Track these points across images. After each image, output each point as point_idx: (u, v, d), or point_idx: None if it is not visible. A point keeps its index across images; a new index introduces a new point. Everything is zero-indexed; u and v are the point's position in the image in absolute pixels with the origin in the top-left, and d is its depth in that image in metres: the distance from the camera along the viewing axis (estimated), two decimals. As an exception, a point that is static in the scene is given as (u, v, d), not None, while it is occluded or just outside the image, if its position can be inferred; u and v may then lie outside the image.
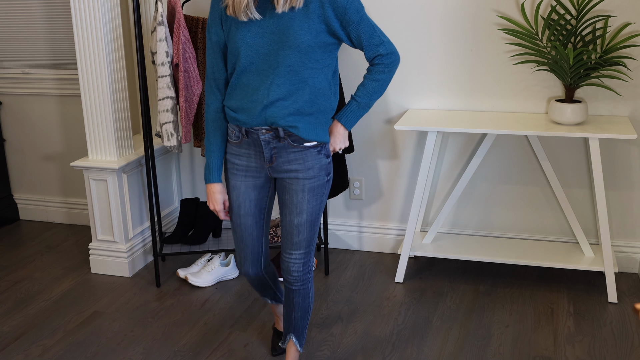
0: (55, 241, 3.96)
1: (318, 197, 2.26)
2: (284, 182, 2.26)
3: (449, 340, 2.83)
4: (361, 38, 2.14)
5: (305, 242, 2.31)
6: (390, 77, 2.22)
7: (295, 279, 2.35)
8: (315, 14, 2.07)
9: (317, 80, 2.15)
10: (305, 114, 2.16)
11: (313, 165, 2.23)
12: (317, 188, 2.25)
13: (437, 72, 3.32)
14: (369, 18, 2.15)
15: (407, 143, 3.48)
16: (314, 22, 2.08)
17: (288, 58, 2.09)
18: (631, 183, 3.24)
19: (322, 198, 2.28)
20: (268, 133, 2.18)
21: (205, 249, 3.38)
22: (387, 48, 2.18)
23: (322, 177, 2.25)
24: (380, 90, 2.22)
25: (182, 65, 3.07)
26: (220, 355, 2.77)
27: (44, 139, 4.12)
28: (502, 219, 3.47)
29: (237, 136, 2.24)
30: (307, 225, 2.28)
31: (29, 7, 3.87)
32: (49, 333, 2.96)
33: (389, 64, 2.19)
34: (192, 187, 3.92)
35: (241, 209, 2.31)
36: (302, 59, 2.10)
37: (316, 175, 2.24)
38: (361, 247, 3.72)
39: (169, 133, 3.14)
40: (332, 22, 2.10)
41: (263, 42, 2.10)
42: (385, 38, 2.18)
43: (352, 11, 2.09)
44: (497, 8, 3.16)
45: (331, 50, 2.16)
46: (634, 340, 2.79)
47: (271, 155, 2.22)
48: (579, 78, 2.96)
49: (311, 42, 2.09)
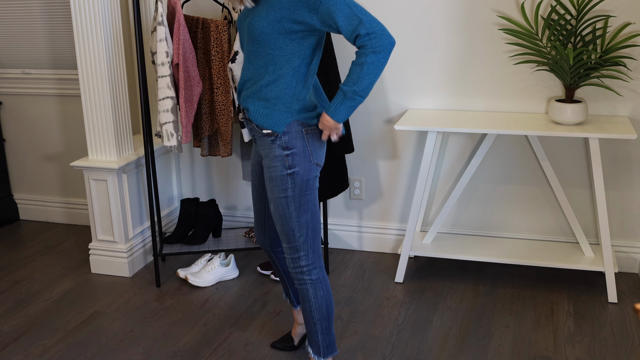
0: (55, 241, 3.96)
1: (281, 190, 2.19)
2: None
3: (449, 340, 2.83)
4: (335, 18, 1.98)
5: (285, 237, 2.26)
6: (377, 60, 1.99)
7: (292, 274, 2.34)
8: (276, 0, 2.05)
9: (279, 67, 2.11)
10: (260, 99, 2.16)
11: (268, 154, 2.20)
12: (276, 179, 2.19)
13: (437, 72, 3.32)
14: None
15: (407, 143, 3.48)
16: (274, 9, 2.05)
17: (250, 44, 2.14)
18: (631, 183, 3.24)
19: (288, 193, 2.19)
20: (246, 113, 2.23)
21: (205, 249, 3.38)
22: (368, 27, 1.97)
23: (278, 169, 2.18)
24: (367, 74, 2.00)
25: (182, 65, 3.07)
26: (220, 355, 2.77)
27: (44, 139, 4.12)
28: (502, 219, 3.47)
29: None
30: (277, 217, 2.24)
31: (29, 7, 3.87)
32: (49, 333, 2.96)
33: (373, 45, 1.98)
34: (192, 187, 3.93)
35: (251, 179, 2.42)
36: (261, 46, 2.10)
37: (272, 165, 2.19)
38: (361, 247, 3.72)
39: (169, 133, 3.14)
40: (296, 7, 2.02)
41: (242, 28, 2.18)
42: (365, 16, 1.98)
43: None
44: (497, 8, 3.16)
45: (299, 38, 2.09)
46: (634, 340, 2.79)
47: (253, 136, 2.27)
48: (579, 78, 2.96)
49: (267, 29, 2.07)
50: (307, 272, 2.29)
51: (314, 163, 2.21)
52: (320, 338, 2.35)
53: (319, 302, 2.32)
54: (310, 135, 2.21)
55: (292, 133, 2.17)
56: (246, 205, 3.87)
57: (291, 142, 2.17)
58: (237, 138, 3.62)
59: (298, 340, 2.75)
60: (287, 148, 2.17)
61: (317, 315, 2.33)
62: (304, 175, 2.19)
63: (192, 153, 3.86)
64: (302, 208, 2.22)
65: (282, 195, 2.20)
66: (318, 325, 2.34)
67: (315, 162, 2.22)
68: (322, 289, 2.31)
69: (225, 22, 3.16)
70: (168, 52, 3.04)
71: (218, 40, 3.16)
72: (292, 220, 2.22)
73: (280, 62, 2.11)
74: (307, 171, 2.19)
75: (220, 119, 3.26)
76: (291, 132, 2.17)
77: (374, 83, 2.03)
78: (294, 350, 2.76)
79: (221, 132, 3.29)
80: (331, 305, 2.35)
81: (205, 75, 3.26)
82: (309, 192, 2.22)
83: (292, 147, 2.17)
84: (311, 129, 2.20)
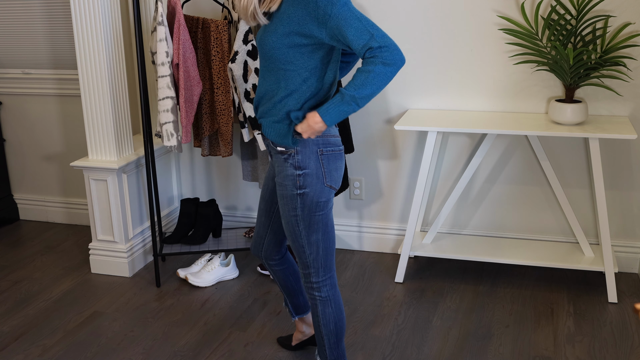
0: (55, 241, 3.96)
1: (291, 209, 2.17)
2: None
3: (449, 340, 2.82)
4: (344, 32, 1.95)
5: (296, 253, 2.26)
6: (385, 72, 1.96)
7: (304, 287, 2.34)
8: (285, 14, 2.03)
9: (291, 82, 2.09)
10: (274, 115, 2.13)
11: (281, 172, 2.18)
12: (287, 197, 2.17)
13: (437, 72, 3.32)
14: (354, 10, 1.97)
15: (407, 143, 3.48)
16: (283, 24, 2.04)
17: (263, 60, 2.13)
18: (631, 183, 3.24)
19: (297, 212, 2.16)
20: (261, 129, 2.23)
21: (205, 249, 3.38)
22: (380, 41, 1.94)
23: (289, 188, 2.15)
24: (371, 83, 1.96)
25: (182, 65, 3.07)
26: (220, 355, 2.77)
27: (44, 139, 4.12)
28: (502, 219, 3.47)
29: None
30: (288, 233, 2.24)
31: (29, 7, 3.87)
32: (49, 333, 2.96)
33: (385, 57, 1.94)
34: (192, 187, 3.93)
35: (262, 191, 2.41)
36: (272, 61, 2.09)
37: (283, 183, 2.17)
38: (361, 247, 3.72)
39: (169, 133, 3.14)
40: (305, 21, 2.00)
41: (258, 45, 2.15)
42: (376, 31, 1.95)
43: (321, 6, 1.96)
44: (497, 8, 3.16)
45: (309, 52, 2.06)
46: (634, 340, 2.79)
47: (269, 152, 2.26)
48: (579, 78, 2.96)
49: (276, 43, 2.05)
50: (317, 288, 2.28)
51: (326, 185, 2.16)
52: (327, 352, 2.35)
53: (326, 318, 2.30)
54: (326, 157, 2.15)
55: (305, 153, 2.13)
56: (246, 205, 3.87)
57: (304, 162, 2.13)
58: (237, 138, 3.62)
59: (296, 343, 2.75)
60: (300, 168, 2.14)
61: (325, 331, 2.32)
62: (314, 197, 2.15)
63: (192, 153, 3.86)
64: (311, 228, 2.19)
65: (292, 213, 2.18)
66: (325, 339, 2.33)
67: (328, 184, 2.17)
68: (330, 306, 2.30)
69: (225, 22, 3.16)
70: (168, 52, 3.04)
71: (218, 40, 3.16)
72: (302, 239, 2.21)
73: (292, 77, 2.08)
74: (318, 193, 2.15)
75: (220, 119, 3.26)
76: (305, 152, 2.13)
77: (374, 95, 1.99)
78: (290, 350, 2.76)
79: (221, 132, 3.29)
80: (340, 322, 2.32)
81: (205, 75, 3.26)
82: (319, 213, 2.17)
83: (305, 167, 2.13)
84: (327, 150, 2.16)
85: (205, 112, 3.30)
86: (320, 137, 2.14)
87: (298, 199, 2.15)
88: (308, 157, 2.14)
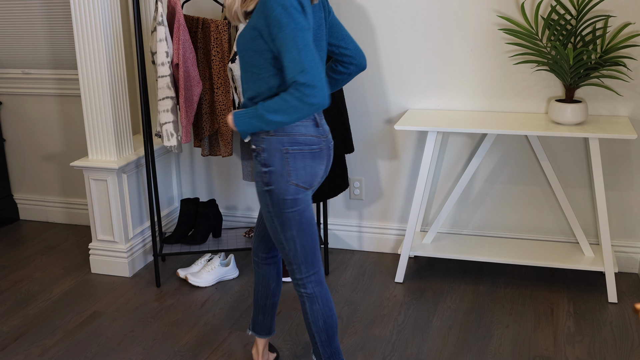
0: (55, 241, 3.96)
1: (264, 205, 2.21)
2: None
3: (449, 340, 2.82)
4: (282, 57, 1.96)
5: (279, 249, 2.29)
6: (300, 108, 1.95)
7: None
8: (253, 19, 2.04)
9: (257, 84, 2.11)
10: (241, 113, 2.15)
11: (254, 169, 2.22)
12: (259, 194, 2.21)
13: (437, 72, 3.32)
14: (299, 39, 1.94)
15: (407, 143, 3.48)
16: (249, 27, 2.06)
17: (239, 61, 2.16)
18: (631, 183, 3.24)
19: (269, 209, 2.19)
20: None
21: (205, 249, 3.38)
22: (308, 79, 1.91)
23: (259, 185, 2.19)
24: (283, 112, 1.98)
25: (182, 66, 3.07)
26: (220, 355, 2.76)
27: (44, 139, 4.12)
28: (502, 219, 3.47)
29: None
30: (269, 229, 2.26)
31: (29, 7, 3.87)
32: (49, 333, 2.96)
33: (305, 93, 1.92)
34: (192, 187, 3.93)
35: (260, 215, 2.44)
36: (243, 64, 2.12)
37: (256, 180, 2.21)
38: (361, 247, 3.72)
39: (169, 133, 3.14)
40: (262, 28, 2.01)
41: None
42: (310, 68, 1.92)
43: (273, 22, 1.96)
44: (497, 8, 3.16)
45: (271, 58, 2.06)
46: (634, 340, 2.79)
47: None
48: (579, 78, 2.96)
49: (243, 46, 2.08)
50: (302, 285, 2.28)
51: (292, 184, 2.16)
52: (321, 350, 2.35)
53: (315, 315, 2.30)
54: (292, 155, 2.15)
55: (270, 151, 2.15)
56: (246, 205, 3.87)
57: (269, 159, 2.15)
58: (237, 138, 3.62)
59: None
60: (265, 165, 2.16)
61: (315, 328, 2.32)
62: (280, 195, 2.16)
63: (192, 153, 3.86)
64: (285, 225, 2.20)
65: (266, 210, 2.21)
66: (316, 337, 2.33)
67: (294, 182, 2.16)
68: (317, 303, 2.29)
69: (225, 22, 3.16)
70: (168, 52, 3.04)
71: (218, 40, 3.16)
72: (279, 234, 2.22)
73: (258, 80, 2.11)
74: (283, 191, 2.15)
75: (220, 118, 3.26)
76: (269, 150, 2.15)
77: (284, 124, 2.02)
78: None
79: (221, 132, 3.29)
80: (330, 319, 2.32)
81: (205, 75, 3.26)
82: (289, 210, 2.18)
83: (270, 164, 2.15)
84: (294, 148, 2.16)
85: (205, 112, 3.30)
86: (285, 135, 2.14)
87: (267, 195, 2.18)
88: (272, 155, 2.15)
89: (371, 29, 3.33)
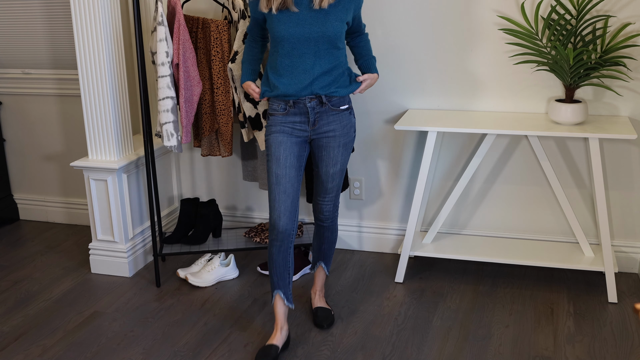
0: (55, 241, 3.96)
1: (349, 149, 2.75)
2: (322, 142, 2.69)
3: (449, 340, 2.83)
4: (360, 21, 2.74)
5: (336, 187, 2.80)
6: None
7: (326, 217, 2.85)
8: (345, 7, 2.57)
9: (342, 56, 2.64)
10: (340, 83, 2.65)
11: (346, 124, 2.70)
12: (349, 143, 2.74)
13: (437, 72, 3.32)
14: None
15: (407, 143, 3.48)
16: (343, 13, 2.57)
17: (326, 44, 2.56)
18: (631, 183, 3.24)
19: (350, 150, 2.77)
20: (313, 101, 2.62)
21: (205, 249, 3.38)
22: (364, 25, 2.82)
23: (352, 134, 2.74)
24: None
25: (182, 65, 3.07)
26: (220, 355, 2.77)
27: (44, 139, 4.12)
28: (502, 219, 3.47)
29: (283, 108, 2.65)
30: (339, 173, 2.76)
31: (29, 7, 3.87)
32: (49, 333, 2.96)
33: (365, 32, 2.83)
34: (192, 187, 3.93)
35: (287, 160, 2.64)
36: (335, 44, 2.57)
37: (348, 132, 2.71)
38: (361, 247, 3.72)
39: (169, 133, 3.14)
40: (351, 12, 2.60)
41: (303, 31, 2.53)
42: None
43: (361, 3, 2.67)
44: (497, 8, 3.16)
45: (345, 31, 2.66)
46: (634, 340, 2.79)
47: (314, 119, 2.65)
48: (579, 78, 2.96)
49: (341, 29, 2.57)
50: (337, 209, 2.89)
51: None
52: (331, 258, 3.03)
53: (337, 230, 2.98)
54: None
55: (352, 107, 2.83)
56: (246, 205, 3.87)
57: (353, 113, 2.78)
58: (237, 138, 3.62)
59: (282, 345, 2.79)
60: (354, 117, 2.78)
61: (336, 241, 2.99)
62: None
63: (192, 153, 3.86)
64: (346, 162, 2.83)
65: (348, 152, 2.76)
66: (334, 248, 3.01)
67: None
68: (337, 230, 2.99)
69: (225, 22, 3.16)
70: (168, 52, 3.04)
71: (218, 40, 3.16)
72: (342, 174, 2.78)
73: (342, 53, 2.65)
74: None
75: (220, 119, 3.26)
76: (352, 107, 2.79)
77: None
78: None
79: (221, 132, 3.29)
80: None
81: (205, 75, 3.26)
82: None
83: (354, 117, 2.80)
84: None
85: (205, 112, 3.30)
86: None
87: (354, 138, 2.78)
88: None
89: (371, 29, 3.33)
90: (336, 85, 2.64)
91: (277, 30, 2.55)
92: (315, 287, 3.06)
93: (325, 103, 2.64)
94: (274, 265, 2.69)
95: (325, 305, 3.03)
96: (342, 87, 2.66)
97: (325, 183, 2.77)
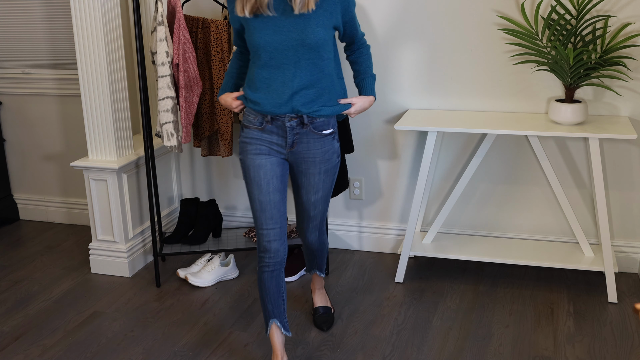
0: (55, 241, 3.96)
1: (331, 176, 2.54)
2: (301, 167, 2.48)
3: (449, 340, 2.83)
4: (354, 28, 2.48)
5: (320, 214, 2.62)
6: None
7: (312, 242, 2.73)
8: (328, 11, 2.32)
9: (329, 68, 2.38)
10: (324, 100, 2.39)
11: (328, 150, 2.47)
12: (331, 169, 2.51)
13: (437, 72, 3.32)
14: None
15: (407, 143, 3.48)
16: (326, 19, 2.32)
17: (307, 53, 2.31)
18: (631, 183, 3.24)
19: (334, 176, 2.56)
20: (293, 120, 2.38)
21: (205, 249, 3.38)
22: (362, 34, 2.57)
23: (334, 160, 2.51)
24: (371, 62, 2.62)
25: (182, 65, 3.07)
26: (220, 355, 2.77)
27: (44, 139, 4.12)
28: (502, 219, 3.47)
29: (260, 122, 2.41)
30: (322, 200, 2.57)
31: (29, 7, 3.87)
32: (49, 333, 2.96)
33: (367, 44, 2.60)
34: (192, 187, 3.93)
35: (270, 185, 2.43)
36: (319, 53, 2.33)
37: (330, 158, 2.49)
38: (361, 247, 3.72)
39: (169, 133, 3.14)
40: (338, 16, 2.36)
41: (281, 39, 2.29)
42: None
43: (352, 6, 2.41)
44: (497, 8, 3.16)
45: (334, 40, 2.42)
46: (634, 340, 2.79)
47: (293, 141, 2.42)
48: (579, 78, 2.96)
49: (325, 36, 2.32)
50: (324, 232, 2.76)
51: None
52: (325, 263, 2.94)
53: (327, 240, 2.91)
54: None
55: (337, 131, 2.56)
56: (246, 205, 3.87)
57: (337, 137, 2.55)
58: (237, 138, 3.62)
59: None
60: (338, 140, 2.54)
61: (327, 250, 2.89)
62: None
63: (192, 153, 3.86)
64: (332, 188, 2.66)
65: (331, 180, 2.55)
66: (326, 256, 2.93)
67: None
68: None
69: (225, 22, 3.16)
70: (168, 52, 3.04)
71: (218, 40, 3.16)
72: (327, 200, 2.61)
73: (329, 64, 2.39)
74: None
75: (220, 119, 3.26)
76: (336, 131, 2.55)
77: None
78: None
79: (221, 132, 3.29)
80: None
81: (205, 75, 3.26)
82: None
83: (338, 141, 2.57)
84: None
85: (205, 112, 3.30)
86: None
87: (338, 165, 2.55)
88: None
89: (371, 29, 3.33)
90: (320, 103, 2.37)
91: (253, 38, 2.32)
92: (314, 284, 3.04)
93: (307, 124, 2.39)
94: (267, 292, 2.50)
95: (325, 303, 3.01)
96: (328, 106, 2.39)
97: (308, 211, 2.59)
